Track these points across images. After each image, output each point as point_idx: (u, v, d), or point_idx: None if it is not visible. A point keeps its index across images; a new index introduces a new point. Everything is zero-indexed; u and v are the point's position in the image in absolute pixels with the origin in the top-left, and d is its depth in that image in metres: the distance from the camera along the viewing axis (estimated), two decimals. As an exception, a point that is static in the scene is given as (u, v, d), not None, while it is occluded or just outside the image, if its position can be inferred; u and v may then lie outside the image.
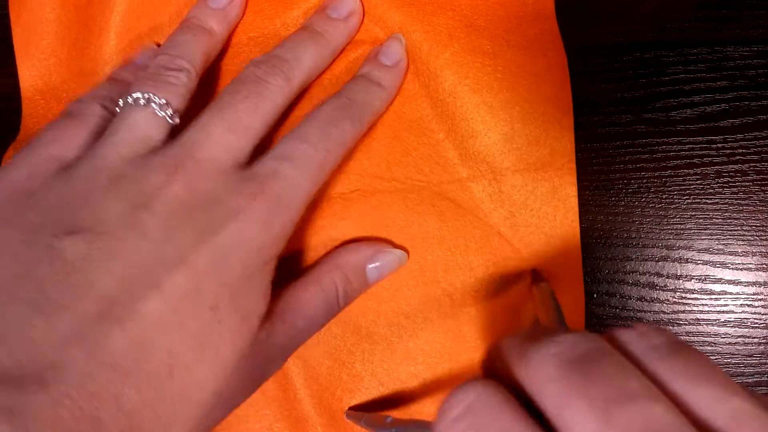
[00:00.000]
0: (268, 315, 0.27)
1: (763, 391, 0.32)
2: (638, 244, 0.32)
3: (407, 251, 0.32)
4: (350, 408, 0.32)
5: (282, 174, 0.27)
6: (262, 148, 0.28)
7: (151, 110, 0.28)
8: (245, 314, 0.25)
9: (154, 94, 0.28)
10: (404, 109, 0.33)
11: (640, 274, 0.32)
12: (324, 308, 0.29)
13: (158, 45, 0.34)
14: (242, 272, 0.25)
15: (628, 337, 0.18)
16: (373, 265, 0.31)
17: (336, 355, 0.32)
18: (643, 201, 0.32)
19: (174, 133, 0.29)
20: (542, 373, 0.17)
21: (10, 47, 0.34)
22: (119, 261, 0.24)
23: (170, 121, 0.28)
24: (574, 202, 0.32)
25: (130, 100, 0.28)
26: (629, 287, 0.32)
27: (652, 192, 0.32)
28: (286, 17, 0.33)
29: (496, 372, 0.19)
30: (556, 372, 0.16)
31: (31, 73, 0.34)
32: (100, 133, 0.29)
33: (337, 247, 0.32)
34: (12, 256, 0.24)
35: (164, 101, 0.28)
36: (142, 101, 0.28)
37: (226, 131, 0.27)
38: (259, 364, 0.27)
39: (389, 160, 0.32)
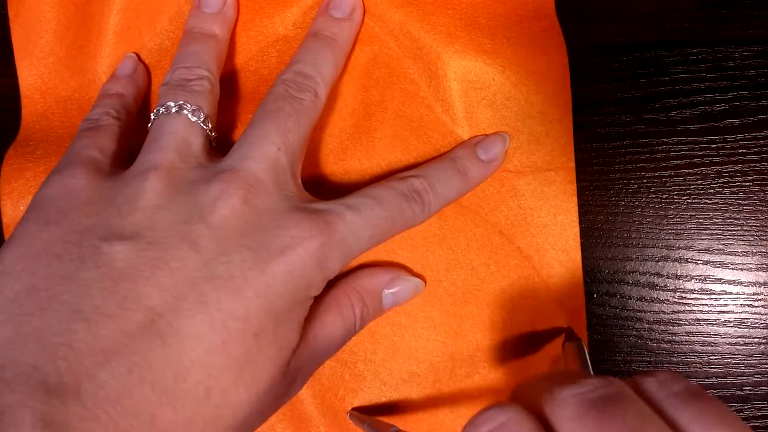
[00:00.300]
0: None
1: (763, 391, 0.32)
2: (638, 244, 0.32)
3: (423, 278, 0.32)
4: (353, 409, 0.32)
5: (349, 219, 0.27)
6: None
7: (185, 116, 0.28)
8: (283, 344, 0.25)
9: (185, 102, 0.28)
10: (404, 108, 0.33)
11: (640, 274, 0.32)
12: (343, 332, 0.29)
13: (137, 54, 0.34)
14: (288, 304, 0.25)
15: (649, 383, 0.19)
16: (389, 290, 0.31)
17: (338, 355, 0.32)
18: (643, 201, 0.32)
19: (212, 145, 0.29)
20: (564, 412, 0.18)
21: (9, 48, 0.34)
22: (169, 274, 0.23)
23: (204, 126, 0.28)
24: (574, 201, 0.32)
25: (162, 110, 0.28)
26: (629, 287, 0.32)
27: (652, 192, 0.32)
28: (285, 16, 0.33)
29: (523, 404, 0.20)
30: (576, 411, 0.17)
31: (30, 72, 0.34)
32: (120, 140, 0.30)
33: (354, 269, 0.32)
34: (53, 255, 0.24)
35: (196, 107, 0.28)
36: (174, 108, 0.28)
37: (278, 150, 0.27)
38: (282, 391, 0.26)
39: (389, 160, 0.32)
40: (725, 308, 0.32)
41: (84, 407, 0.20)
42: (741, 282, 0.32)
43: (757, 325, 0.32)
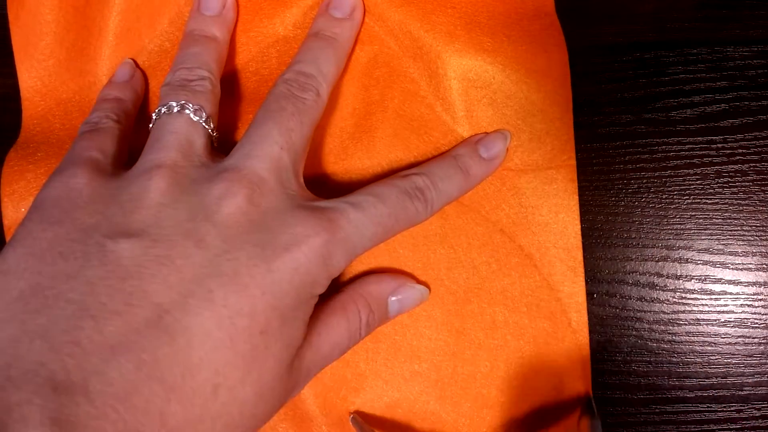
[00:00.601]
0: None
1: (763, 391, 0.32)
2: (638, 244, 0.32)
3: (426, 282, 0.32)
4: (356, 412, 0.32)
5: (352, 216, 0.27)
6: None
7: (187, 116, 0.28)
8: (288, 342, 0.25)
9: (187, 101, 0.28)
10: (405, 107, 0.33)
11: (640, 274, 0.32)
12: (347, 336, 0.29)
13: (134, 60, 0.34)
14: (293, 301, 0.25)
15: None
16: (395, 297, 0.31)
17: (340, 355, 0.32)
18: (643, 201, 0.32)
19: (213, 145, 0.29)
20: None
21: (9, 48, 0.34)
22: (175, 271, 0.23)
23: (206, 126, 0.28)
24: (575, 199, 0.32)
25: (164, 110, 0.28)
26: (629, 287, 0.32)
27: (652, 192, 0.32)
28: (285, 16, 0.33)
29: None
30: None
31: (31, 74, 0.34)
32: (120, 143, 0.30)
33: (361, 276, 0.32)
34: (58, 254, 0.24)
35: (198, 106, 0.28)
36: (176, 108, 0.28)
37: (281, 149, 0.27)
38: (286, 390, 0.26)
39: (390, 159, 0.33)
40: (725, 308, 0.32)
41: (92, 405, 0.20)
42: (741, 282, 0.32)
43: (757, 325, 0.32)
